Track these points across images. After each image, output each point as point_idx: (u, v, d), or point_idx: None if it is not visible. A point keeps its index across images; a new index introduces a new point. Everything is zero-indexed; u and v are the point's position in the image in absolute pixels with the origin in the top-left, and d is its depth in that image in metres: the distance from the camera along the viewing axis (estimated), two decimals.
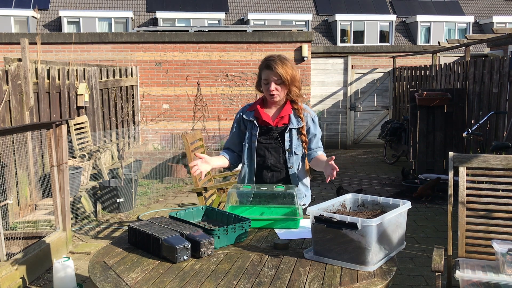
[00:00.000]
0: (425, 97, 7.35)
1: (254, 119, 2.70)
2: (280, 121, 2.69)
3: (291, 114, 2.68)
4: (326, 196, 6.69)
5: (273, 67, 2.57)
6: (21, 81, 5.32)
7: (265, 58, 2.65)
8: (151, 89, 9.27)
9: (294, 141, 2.68)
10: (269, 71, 2.59)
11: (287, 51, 9.31)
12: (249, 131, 2.72)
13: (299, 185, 2.74)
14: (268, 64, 2.59)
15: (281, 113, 2.68)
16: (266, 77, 2.61)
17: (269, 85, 2.60)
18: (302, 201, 2.75)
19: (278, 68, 2.57)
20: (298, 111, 2.69)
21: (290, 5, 20.78)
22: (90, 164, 6.41)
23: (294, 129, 2.68)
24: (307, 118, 2.72)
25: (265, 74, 2.62)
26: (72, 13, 18.43)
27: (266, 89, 2.63)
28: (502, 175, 2.63)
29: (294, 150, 2.68)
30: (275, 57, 2.61)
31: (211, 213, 2.46)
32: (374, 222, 1.84)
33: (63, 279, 3.46)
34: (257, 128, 2.69)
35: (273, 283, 1.75)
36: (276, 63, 2.57)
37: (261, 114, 2.69)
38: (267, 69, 2.60)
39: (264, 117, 2.68)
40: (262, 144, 2.69)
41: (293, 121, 2.67)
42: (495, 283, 2.38)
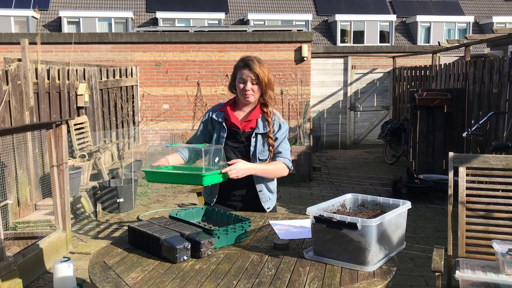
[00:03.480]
0: (425, 97, 7.35)
1: (223, 121, 2.65)
2: (247, 125, 2.64)
3: (259, 118, 2.63)
4: (326, 196, 6.69)
5: (252, 66, 2.54)
6: (21, 81, 5.32)
7: (243, 58, 2.60)
8: (151, 89, 9.27)
9: (259, 146, 2.62)
10: (246, 71, 2.55)
11: (287, 51, 9.32)
12: (217, 132, 2.67)
13: (263, 189, 2.69)
14: (247, 63, 2.56)
15: (250, 116, 2.64)
16: (243, 76, 2.56)
17: (245, 85, 2.56)
18: (266, 205, 2.71)
19: (256, 68, 2.54)
20: (266, 114, 2.64)
21: (290, 5, 20.78)
22: (90, 164, 6.41)
23: (260, 134, 2.62)
24: (274, 122, 2.66)
25: (242, 73, 2.57)
26: (72, 13, 18.43)
27: (241, 88, 2.58)
28: (502, 175, 2.63)
29: (258, 155, 2.62)
30: (253, 58, 2.58)
31: (211, 213, 2.46)
32: (374, 222, 1.84)
33: (63, 279, 3.46)
34: (225, 130, 2.64)
35: (273, 283, 1.75)
36: (255, 63, 2.55)
37: (230, 116, 2.64)
38: (244, 68, 2.56)
39: (233, 119, 2.63)
40: (229, 147, 2.63)
41: (260, 125, 2.62)
42: (495, 283, 2.37)
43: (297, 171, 7.89)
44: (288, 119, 9.40)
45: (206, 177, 2.26)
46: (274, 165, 2.63)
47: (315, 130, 11.18)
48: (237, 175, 2.40)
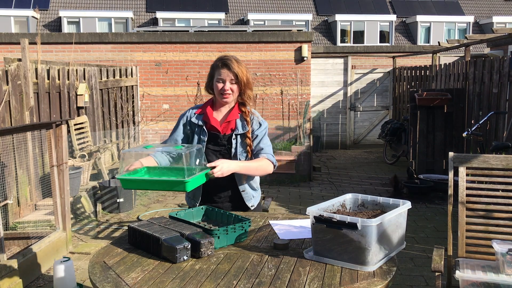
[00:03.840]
0: (425, 97, 7.35)
1: (203, 124, 2.60)
2: (227, 126, 2.60)
3: (237, 118, 2.60)
4: (326, 196, 6.69)
5: (231, 66, 2.50)
6: (21, 81, 5.32)
7: (220, 57, 2.56)
8: (151, 89, 9.27)
9: (239, 147, 2.58)
10: (225, 70, 2.51)
11: (287, 51, 9.32)
12: (197, 135, 2.61)
13: (246, 189, 2.65)
14: (225, 62, 2.51)
15: (228, 117, 2.60)
16: (222, 76, 2.52)
17: (224, 84, 2.52)
18: (250, 203, 2.68)
19: (235, 68, 2.50)
20: (244, 114, 2.60)
21: (290, 5, 20.78)
22: (90, 164, 6.41)
23: (240, 135, 2.59)
24: (253, 121, 2.62)
25: (220, 72, 2.52)
26: (72, 13, 18.43)
27: (219, 88, 2.53)
28: (502, 175, 2.63)
29: (239, 156, 2.58)
30: (231, 57, 2.54)
31: (211, 213, 2.46)
32: (374, 222, 1.84)
33: (63, 279, 3.46)
34: (206, 133, 2.59)
35: (273, 283, 1.75)
36: (233, 62, 2.51)
37: (210, 119, 2.59)
38: (223, 67, 2.51)
39: (213, 122, 2.59)
40: (210, 150, 2.59)
41: (239, 126, 2.59)
42: (495, 283, 2.37)
43: (297, 171, 7.89)
44: (288, 119, 9.40)
45: (189, 182, 2.14)
46: (257, 162, 2.57)
47: (315, 130, 11.18)
48: (222, 173, 2.32)
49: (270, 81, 9.34)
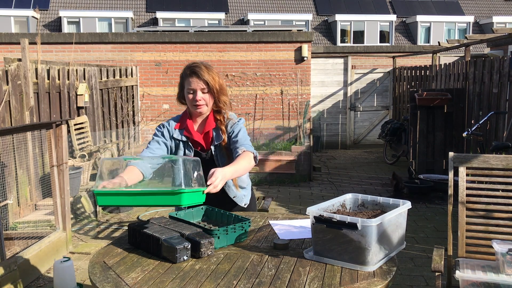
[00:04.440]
0: (425, 97, 7.35)
1: (187, 139, 2.47)
2: (207, 138, 2.48)
3: (214, 128, 2.47)
4: (326, 196, 6.69)
5: (199, 73, 2.33)
6: (21, 81, 5.32)
7: (188, 65, 2.38)
8: (151, 89, 9.27)
9: (219, 156, 2.50)
10: (194, 79, 2.34)
11: (287, 51, 9.32)
12: (180, 152, 2.49)
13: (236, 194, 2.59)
14: (194, 70, 2.34)
15: (206, 127, 2.47)
16: (192, 86, 2.35)
17: (195, 95, 2.36)
18: (243, 202, 2.64)
19: (205, 75, 2.33)
20: (220, 122, 2.46)
21: (290, 5, 20.78)
22: (90, 164, 6.41)
23: (216, 146, 2.48)
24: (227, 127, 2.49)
25: (189, 82, 2.35)
26: (72, 13, 18.44)
27: (191, 99, 2.37)
28: (502, 175, 2.63)
29: (221, 164, 2.47)
30: (200, 64, 2.36)
31: (211, 213, 2.45)
32: (374, 222, 1.84)
33: (63, 279, 3.46)
34: (192, 149, 2.47)
35: (273, 283, 1.75)
36: (202, 69, 2.34)
37: (192, 134, 2.46)
38: (192, 76, 2.34)
39: (196, 138, 2.46)
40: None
41: (215, 136, 2.47)
42: (495, 283, 2.37)
43: (297, 171, 7.89)
44: (288, 119, 9.40)
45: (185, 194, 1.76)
46: (242, 159, 2.32)
47: (315, 130, 11.18)
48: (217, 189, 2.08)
49: (270, 81, 9.34)
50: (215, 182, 2.02)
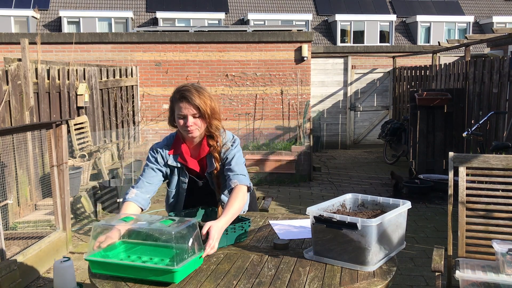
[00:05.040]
0: (425, 97, 7.35)
1: (182, 166, 2.39)
2: (201, 164, 2.41)
3: (208, 154, 2.38)
4: (326, 196, 6.69)
5: (189, 98, 2.22)
6: (21, 81, 5.32)
7: (178, 89, 2.27)
8: (151, 89, 9.27)
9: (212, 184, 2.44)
10: (184, 104, 2.23)
11: (287, 51, 9.31)
12: (175, 177, 2.42)
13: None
14: (183, 95, 2.23)
15: (200, 153, 2.38)
16: (182, 111, 2.24)
17: (186, 120, 2.25)
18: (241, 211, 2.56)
19: (196, 99, 2.22)
20: (213, 148, 2.35)
21: (290, 5, 20.77)
22: (90, 164, 6.41)
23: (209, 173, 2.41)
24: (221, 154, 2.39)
25: (179, 107, 2.24)
26: (72, 13, 18.43)
27: (183, 124, 2.26)
28: (502, 175, 2.63)
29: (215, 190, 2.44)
30: (190, 87, 2.24)
31: (211, 213, 2.46)
32: (374, 222, 1.84)
33: (63, 279, 3.46)
34: (186, 175, 2.41)
35: (273, 283, 1.75)
36: (192, 93, 2.22)
37: (188, 162, 2.37)
38: (182, 101, 2.23)
39: (191, 165, 2.38)
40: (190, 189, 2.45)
41: (208, 164, 2.39)
42: (495, 283, 2.37)
43: (297, 171, 7.89)
44: (288, 119, 9.40)
45: (179, 272, 1.72)
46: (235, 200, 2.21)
47: (315, 130, 11.18)
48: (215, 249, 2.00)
49: (270, 81, 9.34)
50: (212, 244, 1.96)
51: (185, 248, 1.79)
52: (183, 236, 1.80)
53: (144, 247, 1.92)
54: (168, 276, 1.71)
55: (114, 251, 1.91)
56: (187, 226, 1.84)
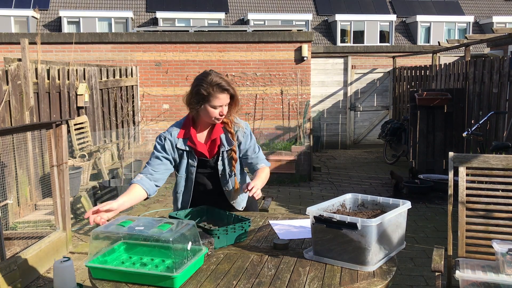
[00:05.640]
0: (425, 97, 7.35)
1: (190, 149, 2.44)
2: (213, 146, 2.47)
3: (222, 134, 2.47)
4: (326, 196, 6.69)
5: (228, 90, 2.35)
6: (21, 81, 5.32)
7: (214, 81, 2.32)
8: (151, 89, 9.27)
9: (226, 164, 2.51)
10: (225, 95, 2.35)
11: (287, 51, 9.31)
12: (184, 161, 2.47)
13: (237, 199, 2.61)
14: (224, 87, 2.33)
15: (213, 135, 2.46)
16: (220, 102, 2.34)
17: (221, 110, 2.36)
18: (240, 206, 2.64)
19: (231, 90, 2.36)
20: (228, 125, 2.48)
21: (290, 5, 20.78)
22: (90, 164, 6.40)
23: (226, 152, 2.49)
24: (237, 134, 2.51)
25: (218, 99, 2.33)
26: (72, 13, 18.43)
27: (217, 113, 2.37)
28: (502, 175, 2.63)
29: (227, 173, 2.52)
30: (223, 78, 2.36)
31: (211, 213, 2.46)
32: (374, 222, 1.84)
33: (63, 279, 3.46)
34: (195, 159, 2.46)
35: (273, 283, 1.75)
36: (227, 84, 2.36)
37: (196, 145, 2.43)
38: (223, 92, 2.34)
39: (200, 148, 2.44)
40: (200, 174, 2.52)
41: (224, 142, 2.48)
42: (495, 283, 2.37)
43: (297, 171, 7.89)
44: (288, 119, 9.40)
45: (178, 277, 1.73)
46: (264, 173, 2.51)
47: (315, 130, 11.18)
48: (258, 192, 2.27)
49: (270, 81, 9.34)
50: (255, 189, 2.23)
51: (184, 253, 1.81)
52: (182, 241, 1.81)
53: (145, 247, 1.93)
54: (168, 282, 1.73)
55: (113, 255, 1.92)
56: (186, 230, 1.85)
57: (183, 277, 1.77)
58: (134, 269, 1.80)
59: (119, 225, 1.91)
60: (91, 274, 1.84)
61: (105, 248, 1.91)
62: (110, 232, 1.89)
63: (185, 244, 1.82)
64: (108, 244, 1.92)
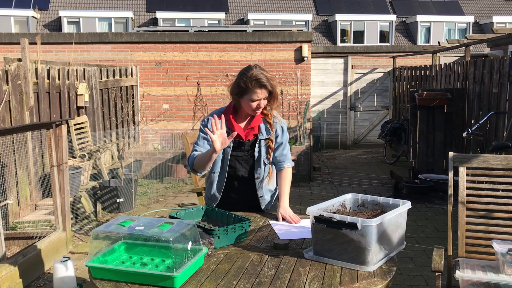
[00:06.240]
0: (425, 97, 7.35)
1: (227, 130, 2.56)
2: (250, 132, 2.64)
3: (261, 124, 2.64)
4: (326, 196, 6.69)
5: (266, 86, 2.50)
6: (21, 81, 5.32)
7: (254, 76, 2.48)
8: (151, 89, 9.27)
9: (263, 152, 2.66)
10: (262, 90, 2.51)
11: (287, 51, 9.31)
12: None
13: (263, 194, 2.72)
14: (262, 83, 2.49)
15: (252, 123, 2.63)
16: (258, 96, 2.51)
17: (259, 103, 2.54)
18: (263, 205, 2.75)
19: (269, 87, 2.51)
20: (267, 117, 2.65)
21: (290, 5, 20.78)
22: (90, 164, 6.40)
23: (264, 140, 2.65)
24: (276, 126, 2.68)
25: (256, 93, 2.51)
26: (72, 13, 18.43)
27: (254, 106, 2.55)
28: (502, 175, 2.63)
29: (263, 160, 2.66)
30: (264, 74, 2.50)
31: (211, 213, 2.46)
32: (374, 222, 1.84)
33: (63, 279, 3.46)
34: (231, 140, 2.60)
35: (273, 283, 1.75)
36: (268, 81, 2.50)
37: (234, 127, 2.60)
38: (259, 88, 2.50)
39: (237, 130, 2.59)
40: (233, 156, 2.66)
41: (263, 131, 2.64)
42: (495, 283, 2.37)
43: (297, 171, 7.89)
44: (288, 119, 9.40)
45: (178, 277, 1.74)
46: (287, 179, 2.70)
47: (315, 130, 11.18)
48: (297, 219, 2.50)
49: None
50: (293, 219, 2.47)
51: (184, 253, 1.81)
52: (182, 241, 1.81)
53: (145, 247, 1.93)
54: (168, 281, 1.73)
55: (113, 255, 1.92)
56: (186, 230, 1.85)
57: (183, 277, 1.77)
58: (134, 269, 1.81)
59: (119, 225, 1.91)
60: (91, 274, 1.85)
61: (105, 248, 1.91)
62: (110, 232, 1.90)
63: (185, 244, 1.82)
64: (108, 244, 1.93)
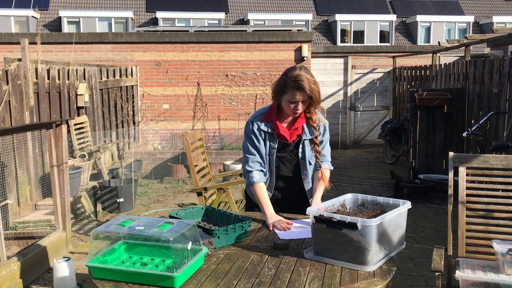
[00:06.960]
0: (425, 97, 7.34)
1: (272, 131, 2.62)
2: (294, 133, 2.64)
3: (304, 124, 2.64)
4: (326, 196, 6.67)
5: (305, 88, 2.44)
6: (21, 81, 5.32)
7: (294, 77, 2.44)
8: (151, 89, 9.27)
9: (307, 151, 2.67)
10: (300, 92, 2.45)
11: (287, 51, 9.31)
12: (267, 142, 2.65)
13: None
14: (300, 85, 2.43)
15: (296, 124, 2.62)
16: (295, 98, 2.47)
17: (297, 105, 2.49)
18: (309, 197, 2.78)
19: (309, 90, 2.45)
20: (311, 120, 2.64)
21: (290, 5, 20.78)
22: (90, 164, 6.40)
23: (308, 140, 2.66)
24: (319, 126, 2.69)
25: (294, 94, 2.46)
26: (72, 13, 18.43)
27: (291, 108, 2.51)
28: (502, 175, 2.63)
29: (308, 160, 2.68)
30: (305, 77, 2.44)
31: (211, 213, 2.46)
32: (374, 222, 1.84)
33: (63, 279, 3.46)
34: (276, 141, 2.63)
35: (273, 283, 1.75)
36: (308, 83, 2.44)
37: (279, 128, 2.61)
38: (299, 90, 2.45)
39: (282, 132, 2.61)
40: (277, 157, 2.67)
41: (307, 131, 2.65)
42: (495, 283, 2.37)
43: None
44: None
45: (178, 277, 1.73)
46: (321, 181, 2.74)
47: None
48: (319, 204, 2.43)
49: (270, 81, 9.34)
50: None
51: (184, 253, 1.81)
52: (182, 241, 1.81)
53: (145, 247, 1.93)
54: (168, 281, 1.73)
55: (113, 255, 1.92)
56: (186, 230, 1.85)
57: (183, 277, 1.77)
58: (134, 269, 1.81)
59: (119, 225, 1.91)
60: (91, 273, 1.85)
61: (105, 248, 1.91)
62: (110, 232, 1.90)
63: (185, 244, 1.82)
64: (108, 244, 1.93)
